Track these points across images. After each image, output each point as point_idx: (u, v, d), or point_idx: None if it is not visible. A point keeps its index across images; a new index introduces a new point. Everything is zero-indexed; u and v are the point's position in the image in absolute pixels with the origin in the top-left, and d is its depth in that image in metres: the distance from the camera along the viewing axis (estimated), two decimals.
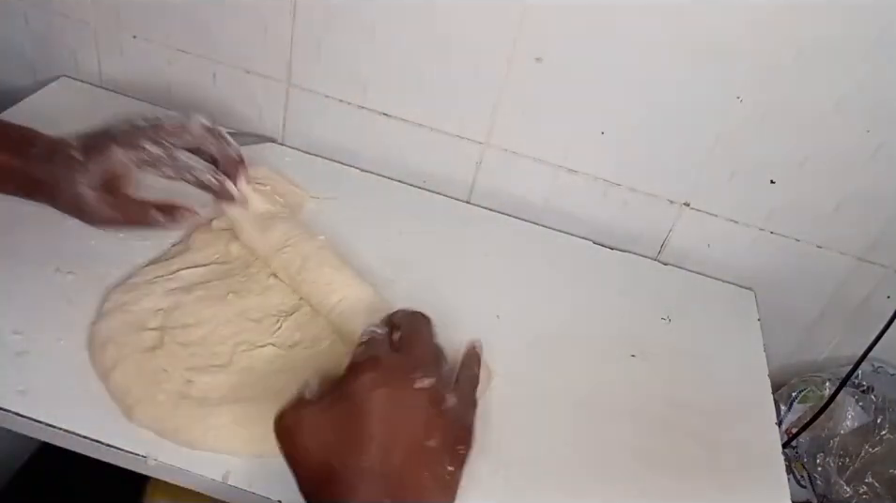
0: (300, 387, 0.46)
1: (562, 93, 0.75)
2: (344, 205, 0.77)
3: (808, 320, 0.86)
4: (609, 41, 0.71)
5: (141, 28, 0.81)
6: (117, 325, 0.56)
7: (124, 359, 0.53)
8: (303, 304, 0.63)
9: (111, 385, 0.52)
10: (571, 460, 0.58)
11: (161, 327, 0.57)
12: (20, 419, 0.50)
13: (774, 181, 0.76)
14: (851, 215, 0.76)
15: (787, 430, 0.82)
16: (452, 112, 0.79)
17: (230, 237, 0.66)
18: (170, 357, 0.55)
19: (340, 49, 0.78)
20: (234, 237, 0.66)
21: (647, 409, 0.64)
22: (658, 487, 0.58)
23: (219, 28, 0.79)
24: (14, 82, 0.87)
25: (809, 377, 0.86)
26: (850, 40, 0.66)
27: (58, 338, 0.55)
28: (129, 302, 0.58)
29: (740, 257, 0.82)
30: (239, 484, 0.50)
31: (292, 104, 0.83)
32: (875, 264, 0.80)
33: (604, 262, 0.80)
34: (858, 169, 0.73)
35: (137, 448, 0.50)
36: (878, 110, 0.69)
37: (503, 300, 0.71)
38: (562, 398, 0.63)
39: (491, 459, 0.56)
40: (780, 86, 0.70)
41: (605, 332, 0.71)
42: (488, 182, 0.83)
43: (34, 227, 0.64)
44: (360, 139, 0.83)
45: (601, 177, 0.80)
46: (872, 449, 0.79)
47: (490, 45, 0.74)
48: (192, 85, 0.84)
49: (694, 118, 0.74)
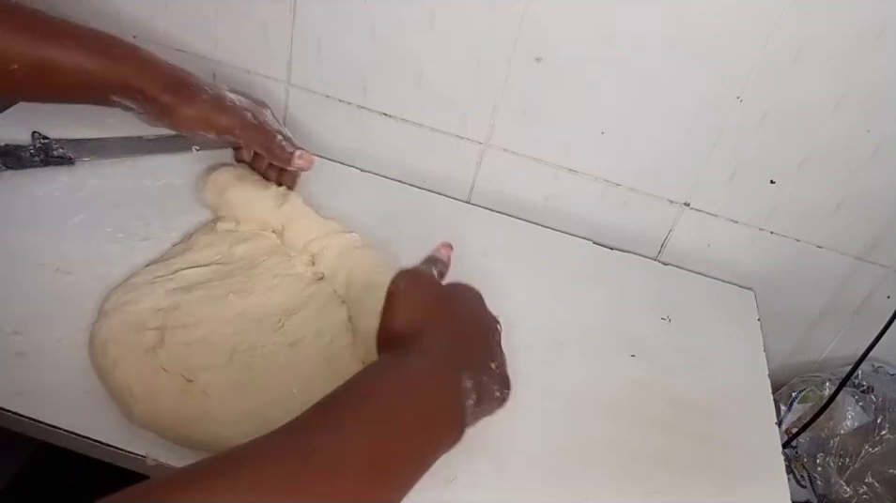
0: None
1: (562, 93, 0.75)
2: (344, 205, 0.77)
3: (808, 320, 0.86)
4: (608, 41, 0.71)
5: (141, 28, 0.81)
6: (117, 325, 0.56)
7: (124, 359, 0.53)
8: (305, 304, 0.63)
9: (111, 385, 0.52)
10: (571, 459, 0.58)
11: (161, 326, 0.57)
12: (20, 419, 0.50)
13: (774, 181, 0.76)
14: (851, 215, 0.76)
15: (787, 430, 0.82)
16: (452, 112, 0.79)
17: (234, 240, 0.66)
18: (170, 356, 0.55)
19: (340, 49, 0.78)
20: (238, 240, 0.66)
21: (647, 409, 0.64)
22: (658, 487, 0.58)
23: (219, 28, 0.79)
24: None
25: (809, 377, 0.86)
26: (850, 40, 0.66)
27: (58, 338, 0.55)
28: (129, 302, 0.58)
29: (740, 257, 0.82)
30: None
31: (292, 104, 0.83)
32: (875, 264, 0.80)
33: (604, 262, 0.81)
34: (858, 169, 0.73)
35: (137, 448, 0.50)
36: (878, 110, 0.69)
37: (503, 300, 0.71)
38: (562, 398, 0.63)
39: (491, 458, 0.56)
40: (780, 86, 0.70)
41: (605, 332, 0.71)
42: (488, 182, 0.83)
43: (34, 227, 0.64)
44: (360, 139, 0.83)
45: (601, 177, 0.80)
46: (872, 449, 0.79)
47: (490, 45, 0.74)
48: None
49: (694, 118, 0.74)
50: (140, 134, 0.76)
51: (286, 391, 0.55)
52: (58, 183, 0.69)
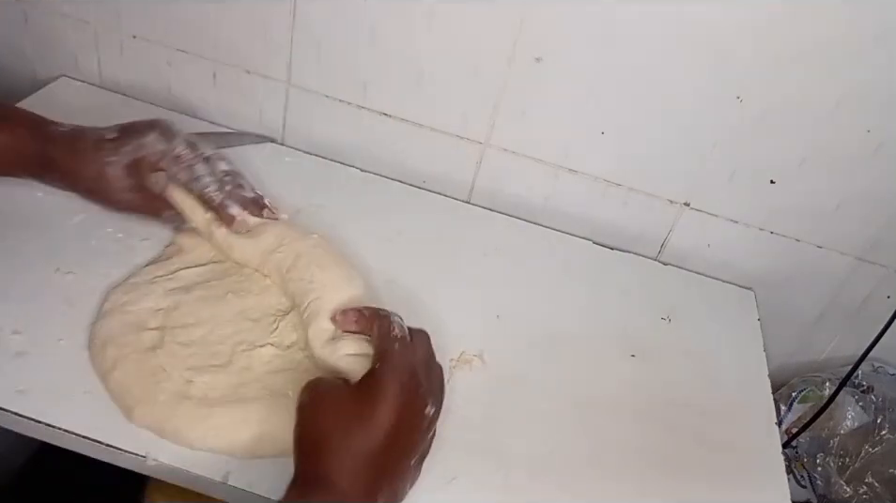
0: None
1: (562, 93, 0.75)
2: (344, 205, 0.77)
3: (808, 320, 0.86)
4: (608, 42, 0.71)
5: (141, 28, 0.81)
6: (117, 325, 0.56)
7: (124, 359, 0.53)
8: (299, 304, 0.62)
9: (111, 385, 0.52)
10: (571, 460, 0.58)
11: (161, 326, 0.57)
12: (20, 419, 0.50)
13: (774, 181, 0.76)
14: (851, 215, 0.76)
15: (787, 430, 0.82)
16: (452, 112, 0.79)
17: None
18: (170, 356, 0.55)
19: (340, 49, 0.78)
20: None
21: (647, 409, 0.64)
22: (658, 487, 0.58)
23: (219, 28, 0.79)
24: (14, 82, 0.87)
25: (809, 377, 0.86)
26: (850, 40, 0.66)
27: (58, 338, 0.55)
28: (129, 302, 0.58)
29: (740, 257, 0.82)
30: (238, 484, 0.50)
31: (292, 104, 0.83)
32: (875, 264, 0.80)
33: (604, 262, 0.80)
34: (858, 169, 0.73)
35: (137, 448, 0.50)
36: (878, 110, 0.69)
37: (503, 300, 0.71)
38: (562, 398, 0.63)
39: (491, 458, 0.56)
40: (780, 86, 0.70)
41: (605, 332, 0.71)
42: (488, 182, 0.83)
43: (34, 227, 0.64)
44: (360, 139, 0.83)
45: (601, 177, 0.80)
46: (872, 449, 0.79)
47: (490, 45, 0.74)
48: (192, 85, 0.84)
49: (694, 118, 0.74)
50: None
51: (283, 392, 0.54)
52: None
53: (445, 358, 0.62)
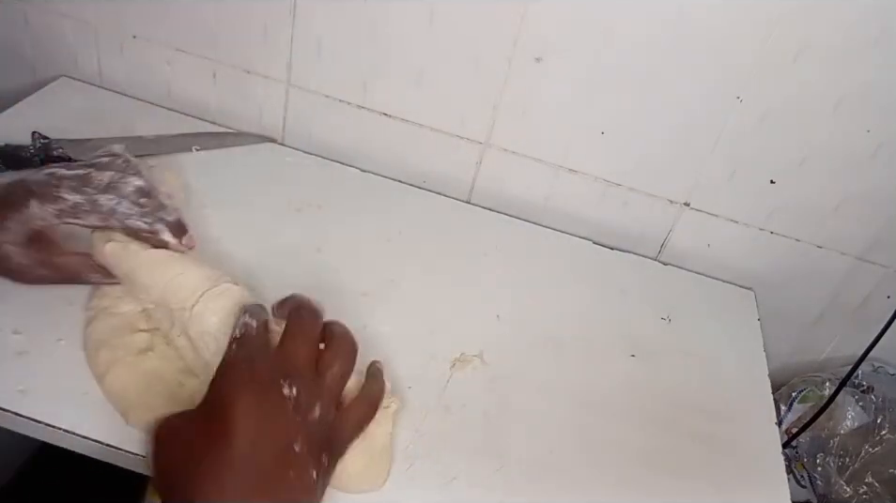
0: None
1: (562, 93, 0.75)
2: (344, 205, 0.77)
3: (808, 320, 0.86)
4: (608, 42, 0.71)
5: (141, 28, 0.81)
6: (107, 328, 0.55)
7: (116, 363, 0.53)
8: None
9: (105, 389, 0.52)
10: (571, 460, 0.58)
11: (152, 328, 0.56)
12: (20, 419, 0.50)
13: (774, 181, 0.76)
14: (851, 215, 0.76)
15: (787, 430, 0.82)
16: (452, 112, 0.79)
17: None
18: (161, 359, 0.54)
19: (340, 49, 0.78)
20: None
21: (647, 409, 0.64)
22: (658, 487, 0.58)
23: (219, 28, 0.79)
24: (14, 82, 0.87)
25: (809, 377, 0.86)
26: (850, 40, 0.66)
27: (58, 338, 0.55)
28: (111, 306, 0.57)
29: (740, 257, 0.82)
30: None
31: (292, 104, 0.83)
32: (875, 264, 0.80)
33: (604, 262, 0.80)
34: (858, 169, 0.73)
35: (137, 448, 0.50)
36: (878, 110, 0.69)
37: (503, 300, 0.71)
38: (562, 398, 0.63)
39: (491, 458, 0.56)
40: (780, 86, 0.70)
41: (605, 332, 0.71)
42: (488, 182, 0.83)
43: None
44: (360, 139, 0.83)
45: (601, 177, 0.80)
46: (872, 449, 0.79)
47: (490, 45, 0.74)
48: (192, 85, 0.84)
49: (694, 118, 0.74)
50: (140, 134, 0.77)
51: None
52: None
53: (445, 359, 0.63)
